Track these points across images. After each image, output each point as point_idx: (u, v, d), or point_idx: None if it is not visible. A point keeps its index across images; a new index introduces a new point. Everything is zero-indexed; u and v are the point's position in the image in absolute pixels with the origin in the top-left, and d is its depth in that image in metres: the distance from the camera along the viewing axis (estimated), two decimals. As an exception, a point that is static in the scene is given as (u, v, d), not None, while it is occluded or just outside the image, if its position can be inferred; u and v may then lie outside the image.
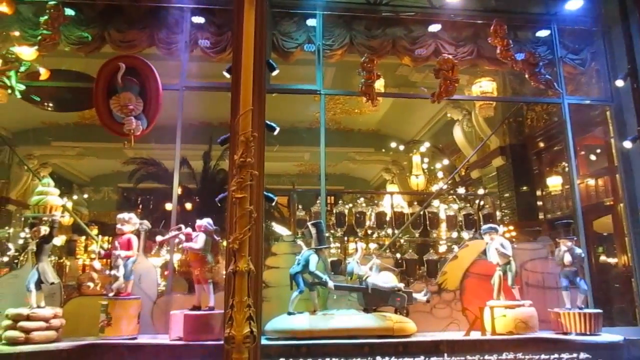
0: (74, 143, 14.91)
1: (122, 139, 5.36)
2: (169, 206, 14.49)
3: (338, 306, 5.16)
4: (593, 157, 8.97)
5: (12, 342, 4.47)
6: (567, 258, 5.21)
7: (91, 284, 4.82)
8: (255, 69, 4.62)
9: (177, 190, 5.88)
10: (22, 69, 5.61)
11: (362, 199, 8.64)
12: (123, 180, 17.41)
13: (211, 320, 4.65)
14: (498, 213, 9.79)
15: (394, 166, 15.66)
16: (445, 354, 4.64)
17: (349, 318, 4.79)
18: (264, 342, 4.51)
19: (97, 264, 5.07)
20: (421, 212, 7.04)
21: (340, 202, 7.21)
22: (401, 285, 5.05)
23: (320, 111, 6.28)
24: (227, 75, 5.38)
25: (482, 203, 8.27)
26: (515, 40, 6.64)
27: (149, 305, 5.21)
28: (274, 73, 5.48)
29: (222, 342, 4.27)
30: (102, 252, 5.12)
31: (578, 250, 5.32)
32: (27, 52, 5.73)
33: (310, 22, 6.49)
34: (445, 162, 12.61)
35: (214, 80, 6.62)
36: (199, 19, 6.22)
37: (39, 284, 4.80)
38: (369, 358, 4.57)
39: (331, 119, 12.82)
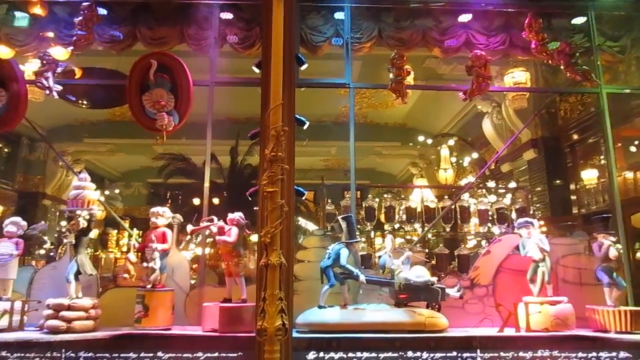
0: (105, 140, 15.30)
1: (155, 135, 5.45)
2: (196, 201, 14.80)
3: (369, 300, 5.14)
4: (633, 149, 8.67)
5: (54, 330, 4.64)
6: (613, 252, 5.02)
7: (127, 276, 4.94)
8: (285, 63, 4.63)
9: (208, 185, 5.94)
10: (59, 69, 5.76)
11: (387, 195, 8.59)
12: (152, 176, 17.80)
13: (244, 312, 4.70)
14: (530, 207, 9.58)
15: (421, 160, 15.52)
16: (479, 350, 4.57)
17: (380, 313, 4.76)
18: (294, 335, 4.53)
19: (132, 257, 5.18)
20: (451, 206, 6.95)
21: (369, 196, 7.15)
22: (434, 280, 5.00)
23: (349, 105, 6.25)
24: (257, 70, 5.40)
25: (514, 197, 8.09)
26: (550, 28, 6.44)
27: (182, 297, 5.31)
28: (303, 67, 5.48)
29: (254, 335, 4.34)
30: (137, 244, 5.24)
31: (617, 246, 5.15)
32: (61, 53, 5.89)
33: (338, 15, 6.45)
34: (475, 155, 12.40)
35: (243, 75, 6.66)
36: (227, 15, 6.27)
37: (77, 275, 4.97)
38: (400, 353, 4.53)
39: (357, 113, 12.77)
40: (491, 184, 11.13)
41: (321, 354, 4.51)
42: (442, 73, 10.45)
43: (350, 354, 4.50)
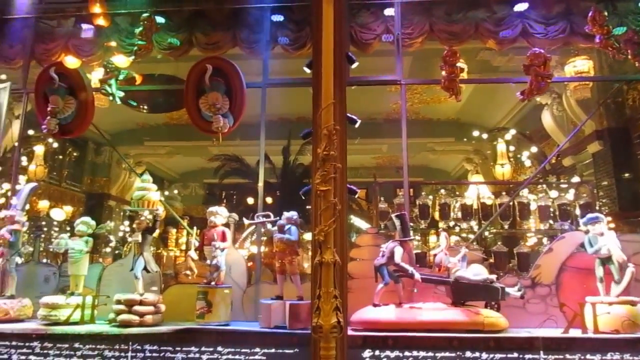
0: (164, 142, 15.91)
1: (210, 137, 5.63)
2: (250, 200, 15.14)
3: (424, 299, 5.06)
4: None
5: (126, 324, 4.91)
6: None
7: (189, 273, 5.13)
8: (335, 62, 4.64)
9: (262, 184, 6.07)
10: (121, 77, 6.08)
11: (442, 191, 8.41)
12: (208, 176, 18.39)
13: (306, 309, 4.77)
14: (596, 202, 9.06)
15: (476, 156, 15.06)
16: (542, 352, 4.39)
17: (436, 311, 4.68)
18: (349, 333, 4.55)
19: (193, 254, 5.37)
20: (509, 203, 6.71)
21: (423, 193, 7.04)
22: (493, 277, 4.85)
23: (402, 102, 6.18)
24: (308, 70, 5.45)
25: (578, 192, 7.69)
26: (615, 13, 6.06)
27: (239, 294, 5.47)
28: (354, 66, 5.47)
29: (309, 332, 4.39)
30: (197, 243, 5.43)
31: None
32: (122, 61, 6.21)
33: (388, 11, 6.39)
34: (534, 149, 11.88)
35: (293, 76, 6.75)
36: (278, 17, 6.37)
37: (139, 272, 5.24)
38: (458, 352, 4.44)
39: (409, 109, 12.55)
40: (552, 179, 10.62)
41: (377, 352, 4.50)
42: (498, 65, 10.09)
43: (407, 353, 4.46)
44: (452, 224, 6.89)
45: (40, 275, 6.00)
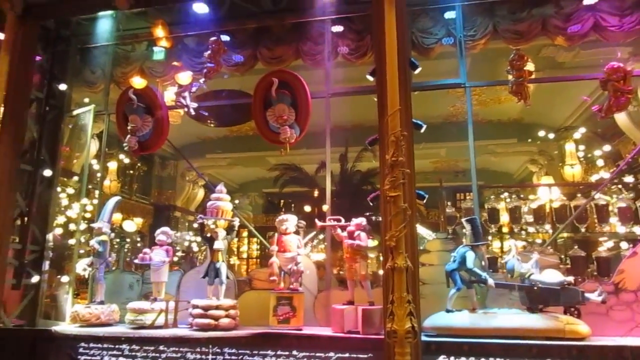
0: (224, 154, 16.43)
1: (279, 147, 5.83)
2: (308, 208, 15.33)
3: (498, 305, 4.96)
4: None
5: (204, 327, 5.17)
6: None
7: (275, 278, 5.28)
8: (399, 69, 4.69)
9: (329, 190, 6.16)
10: (193, 89, 6.42)
11: (506, 194, 8.15)
12: (267, 186, 18.79)
13: (377, 315, 4.81)
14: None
15: (541, 157, 14.42)
16: (631, 361, 4.17)
17: (513, 317, 4.57)
18: (423, 338, 4.54)
19: (277, 260, 5.46)
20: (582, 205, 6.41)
21: (492, 197, 6.88)
22: (570, 279, 4.66)
23: (467, 104, 6.11)
24: (371, 79, 5.55)
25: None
26: None
27: (311, 299, 5.60)
28: (417, 71, 5.50)
29: (382, 337, 4.43)
30: (275, 250, 5.53)
31: None
32: (186, 77, 6.54)
33: (449, 14, 6.34)
34: (606, 148, 11.23)
35: (354, 84, 6.84)
36: (338, 28, 6.49)
37: (214, 278, 5.50)
38: (537, 360, 4.31)
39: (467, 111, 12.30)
40: (629, 178, 10.00)
41: (452, 358, 4.46)
42: (563, 61, 9.65)
43: (483, 359, 4.38)
44: (522, 228, 6.65)
45: (125, 282, 6.45)
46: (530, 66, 5.57)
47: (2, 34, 6.06)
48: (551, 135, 12.80)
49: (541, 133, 12.91)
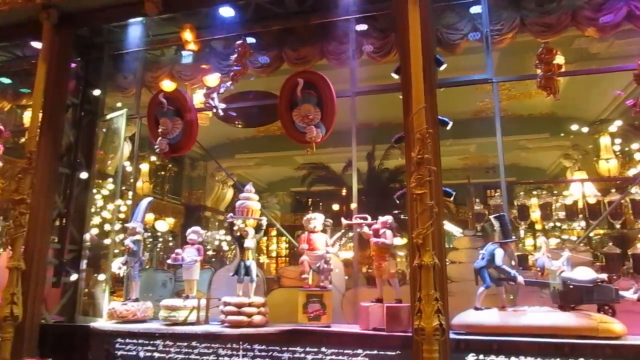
0: (252, 154, 16.65)
1: (305, 147, 5.89)
2: (336, 206, 15.35)
3: (529, 303, 4.89)
4: None
5: (236, 324, 5.30)
6: None
7: (307, 276, 5.36)
8: (424, 66, 4.68)
9: (356, 189, 6.18)
10: (221, 90, 6.55)
11: (538, 190, 7.98)
12: (295, 185, 18.93)
13: (403, 312, 4.83)
14: None
15: (575, 151, 14.01)
16: (669, 361, 4.05)
17: (544, 315, 4.50)
18: (451, 336, 4.52)
19: (307, 259, 5.52)
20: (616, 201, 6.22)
21: (521, 193, 6.76)
22: (604, 276, 4.55)
23: (494, 100, 6.03)
24: (395, 76, 5.56)
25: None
26: None
27: (339, 297, 5.64)
28: (442, 68, 5.47)
29: (409, 334, 4.44)
30: (306, 248, 5.59)
31: None
32: (214, 79, 6.68)
33: (474, 9, 6.26)
34: (645, 141, 10.81)
35: (380, 82, 6.83)
36: (362, 27, 6.50)
37: (244, 276, 5.60)
38: (569, 359, 4.23)
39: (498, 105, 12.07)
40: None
41: (481, 357, 4.44)
42: (596, 52, 9.37)
43: (513, 358, 4.34)
44: (554, 224, 6.51)
45: (158, 280, 6.66)
46: (559, 59, 5.43)
47: (40, 43, 6.32)
48: (585, 129, 12.43)
49: (574, 127, 12.56)
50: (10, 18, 6.64)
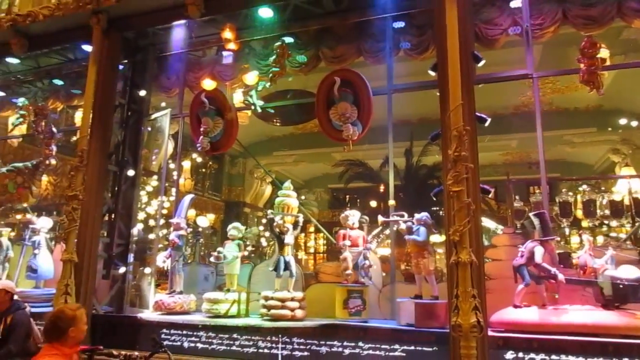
0: (290, 152, 16.84)
1: (342, 144, 5.96)
2: (373, 203, 15.32)
3: (570, 301, 4.79)
4: None
5: (279, 318, 5.47)
6: None
7: (350, 272, 5.45)
8: (462, 63, 4.66)
9: (392, 186, 6.21)
10: (259, 87, 6.71)
11: (584, 186, 7.73)
12: (332, 182, 19.03)
13: (436, 308, 4.84)
14: None
15: (624, 145, 13.44)
16: None
17: (586, 314, 4.41)
18: (490, 333, 4.50)
19: (350, 255, 5.60)
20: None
21: (563, 190, 6.59)
22: (651, 277, 4.42)
23: (534, 96, 5.90)
24: (432, 73, 5.53)
25: None
26: None
27: (376, 293, 5.71)
28: (480, 64, 5.41)
29: (447, 330, 4.45)
30: (346, 245, 5.68)
31: None
32: (252, 77, 6.84)
33: (514, 3, 6.13)
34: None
35: (416, 78, 6.81)
36: (399, 24, 6.49)
37: (284, 271, 5.75)
38: (613, 359, 4.14)
39: (541, 100, 11.55)
40: None
41: (520, 354, 4.40)
42: (647, 43, 8.97)
43: (554, 357, 4.28)
44: (598, 222, 6.32)
45: (201, 274, 6.91)
46: (603, 53, 5.26)
47: (90, 47, 6.66)
48: (635, 123, 11.92)
49: (623, 120, 12.06)
50: (63, 23, 7.02)
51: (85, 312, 3.36)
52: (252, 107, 6.70)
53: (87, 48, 7.06)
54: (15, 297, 5.04)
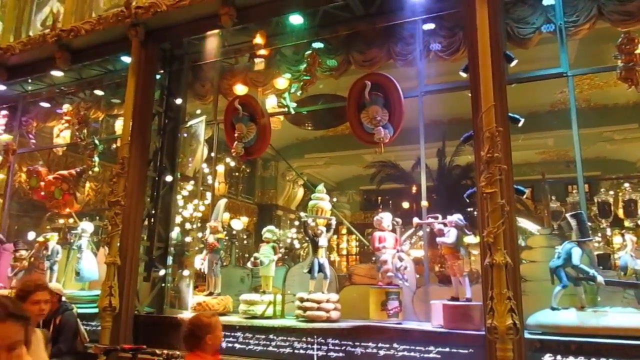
0: (321, 154, 16.92)
1: (373, 147, 6.02)
2: (406, 205, 15.24)
3: (611, 304, 4.70)
4: None
5: (315, 319, 5.56)
6: None
7: (391, 274, 5.49)
8: (493, 64, 4.65)
9: (425, 187, 6.21)
10: (292, 90, 6.85)
11: (626, 185, 7.49)
12: (364, 183, 19.02)
13: (470, 310, 4.83)
14: None
15: (670, 142, 12.91)
16: None
17: (628, 317, 4.31)
18: (526, 336, 4.46)
19: (389, 257, 5.63)
20: None
21: (602, 189, 6.42)
22: (698, 279, 4.29)
23: (569, 95, 5.78)
24: (464, 75, 5.53)
25: None
26: None
27: (409, 294, 5.72)
28: (513, 64, 5.36)
29: (482, 333, 4.44)
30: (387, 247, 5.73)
31: None
32: (283, 82, 6.97)
33: (547, 1, 6.02)
34: None
35: (448, 79, 6.78)
36: (430, 26, 6.49)
37: (318, 272, 5.84)
38: (657, 364, 4.04)
39: (578, 96, 11.34)
40: None
41: (558, 357, 4.34)
42: (690, 36, 8.61)
43: (593, 360, 4.20)
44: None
45: (237, 276, 7.09)
46: (642, 49, 5.12)
47: (129, 58, 6.97)
48: (680, 117, 11.44)
49: (667, 115, 11.59)
50: (103, 37, 7.39)
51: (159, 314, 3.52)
52: (286, 109, 6.84)
53: (126, 59, 7.39)
54: (63, 298, 5.33)
